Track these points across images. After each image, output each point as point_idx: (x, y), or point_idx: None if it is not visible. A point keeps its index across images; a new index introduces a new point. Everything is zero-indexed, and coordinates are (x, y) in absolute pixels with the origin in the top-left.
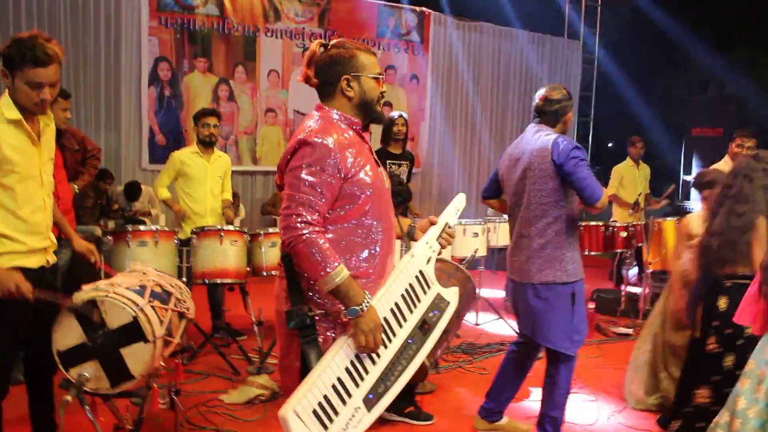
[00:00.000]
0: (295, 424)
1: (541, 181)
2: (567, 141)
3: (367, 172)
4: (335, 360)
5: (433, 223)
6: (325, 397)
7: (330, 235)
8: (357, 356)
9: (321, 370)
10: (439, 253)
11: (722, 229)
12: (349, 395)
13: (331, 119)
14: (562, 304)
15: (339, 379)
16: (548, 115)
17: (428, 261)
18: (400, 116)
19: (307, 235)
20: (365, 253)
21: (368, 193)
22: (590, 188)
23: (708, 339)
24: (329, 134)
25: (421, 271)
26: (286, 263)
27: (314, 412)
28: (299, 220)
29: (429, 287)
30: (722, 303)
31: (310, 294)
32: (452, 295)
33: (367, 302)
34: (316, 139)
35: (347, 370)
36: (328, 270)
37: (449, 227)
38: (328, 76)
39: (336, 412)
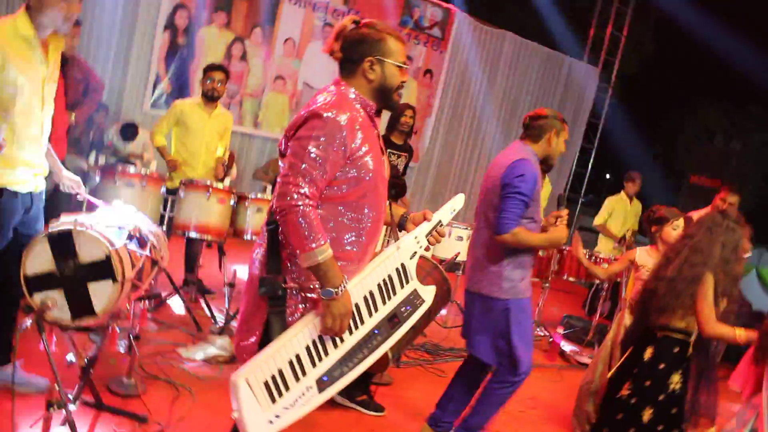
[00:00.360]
0: (245, 392)
1: (494, 194)
2: (521, 167)
3: (371, 156)
4: (298, 336)
5: (427, 219)
6: (280, 371)
7: (321, 212)
8: (320, 337)
9: (282, 343)
10: (427, 249)
11: (673, 276)
12: (304, 374)
13: (347, 97)
14: (493, 317)
15: (297, 356)
16: (532, 129)
17: (412, 256)
18: (410, 108)
19: (302, 206)
20: (351, 237)
21: (367, 178)
22: (504, 220)
23: (624, 384)
24: (343, 111)
25: (403, 264)
26: (271, 230)
27: (266, 383)
28: (297, 190)
29: (407, 282)
30: (648, 353)
31: (289, 265)
32: (429, 293)
33: (344, 286)
34: (329, 114)
35: (307, 348)
36: (313, 245)
37: (441, 225)
38: (353, 53)
39: (287, 388)
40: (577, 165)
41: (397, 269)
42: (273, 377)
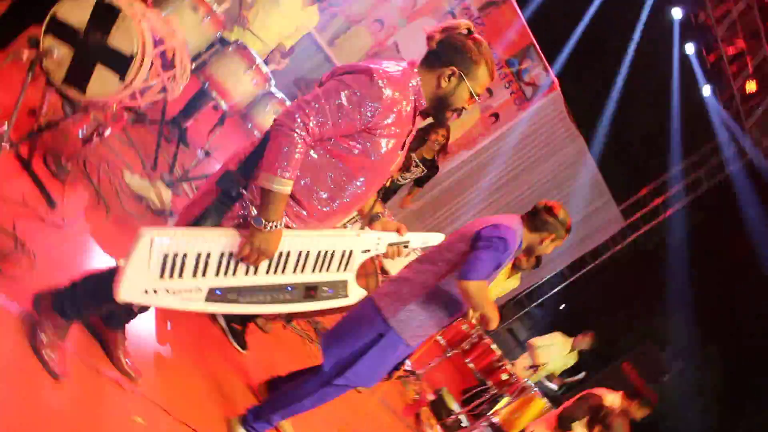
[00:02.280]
0: (144, 248)
1: (464, 241)
2: (507, 231)
3: (389, 142)
4: (221, 239)
5: (399, 232)
6: (185, 255)
7: (315, 156)
8: (232, 255)
9: (203, 233)
10: (384, 257)
11: None
12: (204, 274)
13: (408, 83)
14: (365, 329)
15: (208, 254)
16: (537, 218)
17: (365, 251)
18: (444, 128)
19: (296, 136)
20: (324, 195)
21: (373, 157)
22: (474, 266)
23: None
24: (394, 88)
25: (351, 251)
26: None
27: (166, 256)
28: (304, 120)
29: (345, 269)
30: None
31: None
32: (356, 293)
33: (278, 225)
34: (380, 81)
35: (221, 255)
36: (278, 173)
37: (406, 246)
38: (445, 53)
39: (181, 275)
40: (549, 282)
41: (344, 251)
42: (176, 255)
